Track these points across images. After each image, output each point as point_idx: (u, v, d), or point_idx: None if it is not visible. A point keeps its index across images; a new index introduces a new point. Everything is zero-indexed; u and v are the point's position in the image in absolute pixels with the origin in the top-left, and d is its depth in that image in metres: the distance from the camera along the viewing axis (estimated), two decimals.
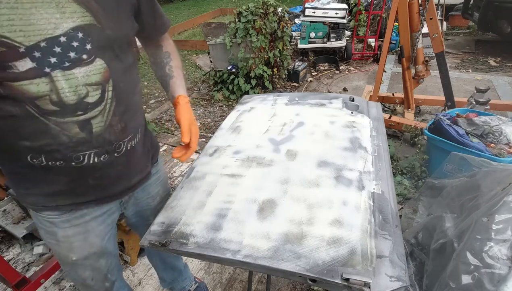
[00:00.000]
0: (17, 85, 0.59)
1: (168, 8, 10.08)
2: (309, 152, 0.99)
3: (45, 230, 0.83)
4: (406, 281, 0.61)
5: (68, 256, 0.87)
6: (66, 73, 0.63)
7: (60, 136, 0.67)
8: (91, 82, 0.67)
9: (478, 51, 4.43)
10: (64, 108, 0.65)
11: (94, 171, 0.76)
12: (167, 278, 1.37)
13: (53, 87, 0.62)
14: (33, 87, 0.60)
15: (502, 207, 1.09)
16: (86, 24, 0.63)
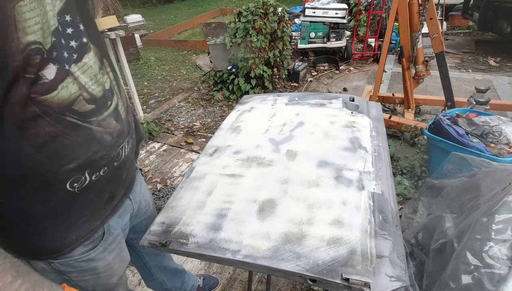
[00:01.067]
0: (51, 97, 0.52)
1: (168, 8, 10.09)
2: (309, 152, 0.99)
3: (81, 270, 0.72)
4: (406, 281, 0.61)
5: (109, 282, 0.81)
6: (79, 66, 0.57)
7: (104, 137, 0.63)
8: (99, 68, 0.62)
9: (478, 51, 4.43)
10: (97, 103, 0.60)
11: (126, 162, 0.73)
12: (177, 284, 1.33)
13: (79, 85, 0.56)
14: (65, 92, 0.54)
15: (502, 207, 1.09)
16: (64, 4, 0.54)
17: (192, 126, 3.19)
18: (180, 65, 4.93)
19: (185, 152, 2.74)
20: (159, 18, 8.69)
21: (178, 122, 3.29)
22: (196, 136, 3.01)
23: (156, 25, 7.82)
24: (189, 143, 2.83)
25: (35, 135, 0.52)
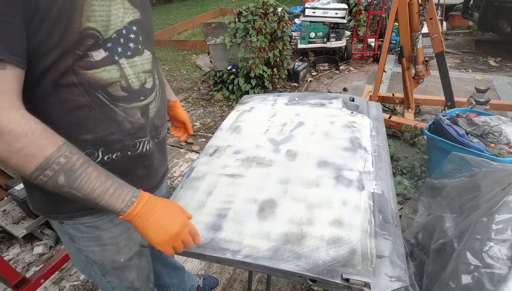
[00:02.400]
0: (91, 73, 0.61)
1: (168, 8, 10.09)
2: (309, 151, 0.99)
3: (87, 238, 0.77)
4: (406, 281, 0.61)
5: (116, 260, 0.83)
6: (129, 61, 0.67)
7: (125, 123, 0.70)
8: (146, 70, 0.72)
9: (478, 51, 4.43)
10: (131, 93, 0.69)
11: (144, 159, 0.78)
12: (174, 280, 1.33)
13: (122, 74, 0.66)
14: (105, 74, 0.63)
15: (502, 207, 1.09)
16: (136, 19, 0.68)
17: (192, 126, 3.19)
18: (180, 65, 4.93)
19: (185, 151, 2.74)
20: (159, 18, 8.69)
21: None
22: (196, 136, 3.01)
23: (156, 25, 7.82)
24: (189, 143, 2.83)
25: (66, 100, 0.61)
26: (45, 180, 0.54)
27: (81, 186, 0.56)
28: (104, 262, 0.83)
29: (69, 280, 1.67)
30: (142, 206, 0.62)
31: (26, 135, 0.51)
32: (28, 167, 0.52)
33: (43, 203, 0.73)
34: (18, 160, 0.51)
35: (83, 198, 0.57)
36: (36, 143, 0.51)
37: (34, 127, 0.52)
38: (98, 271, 0.85)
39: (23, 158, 0.51)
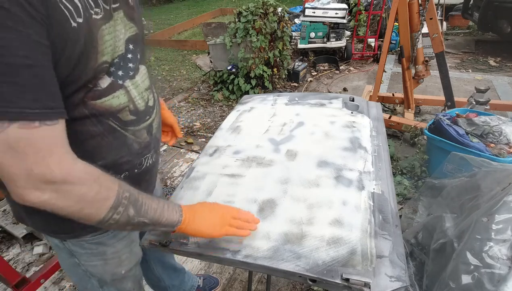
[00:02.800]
0: (101, 102, 0.59)
1: (168, 8, 10.08)
2: (309, 152, 0.99)
3: (90, 253, 0.77)
4: (406, 281, 0.61)
5: (117, 272, 0.84)
6: (133, 82, 0.65)
7: (134, 145, 0.69)
8: (147, 87, 0.71)
9: (478, 51, 4.43)
10: (138, 115, 0.68)
11: (146, 173, 0.79)
12: (175, 282, 1.33)
13: (129, 97, 0.64)
14: (115, 101, 0.61)
15: (502, 207, 1.09)
16: (133, 35, 0.65)
17: (192, 126, 3.19)
18: (180, 65, 4.93)
19: (185, 151, 2.74)
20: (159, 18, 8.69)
21: (178, 122, 3.29)
22: (196, 136, 3.01)
23: (156, 25, 7.82)
24: (189, 143, 2.83)
25: (79, 132, 0.59)
26: (118, 218, 0.55)
27: (146, 212, 0.59)
28: (104, 275, 0.82)
29: (69, 280, 1.66)
30: (186, 212, 0.67)
31: (95, 181, 0.52)
32: (102, 211, 0.53)
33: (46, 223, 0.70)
34: (92, 207, 0.52)
35: (149, 222, 0.60)
36: (105, 185, 0.53)
37: (95, 171, 0.54)
38: (96, 283, 0.84)
39: (97, 203, 0.52)
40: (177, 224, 0.65)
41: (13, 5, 0.40)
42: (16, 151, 0.43)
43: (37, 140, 0.44)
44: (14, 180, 0.45)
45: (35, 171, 0.45)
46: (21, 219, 0.71)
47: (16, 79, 0.41)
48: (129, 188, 0.59)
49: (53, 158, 0.46)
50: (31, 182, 0.45)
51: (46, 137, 0.45)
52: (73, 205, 0.50)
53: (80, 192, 0.50)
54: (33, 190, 0.46)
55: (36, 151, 0.44)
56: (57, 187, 0.47)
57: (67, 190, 0.48)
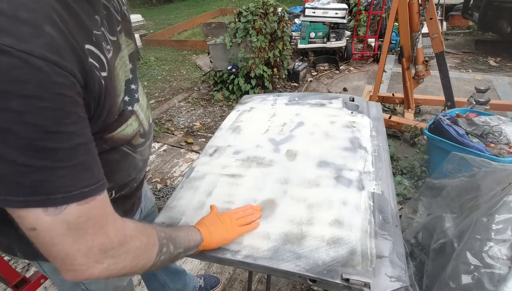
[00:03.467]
0: (117, 133, 0.57)
1: (168, 8, 10.08)
2: (309, 152, 0.99)
3: None
4: (406, 281, 0.61)
5: (119, 285, 0.83)
6: (139, 105, 0.64)
7: (139, 163, 0.70)
8: (147, 105, 0.70)
9: (478, 51, 4.43)
10: (145, 137, 0.68)
11: (142, 182, 0.80)
12: (178, 285, 1.33)
13: (139, 122, 0.64)
14: (129, 129, 0.60)
15: (502, 207, 1.09)
16: (131, 52, 0.63)
17: (192, 126, 3.19)
18: (180, 65, 4.93)
19: (185, 152, 2.74)
20: (159, 18, 8.69)
21: (178, 122, 3.29)
22: (196, 136, 3.01)
23: (156, 25, 7.82)
24: (189, 143, 2.83)
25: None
26: (163, 258, 0.57)
27: (180, 243, 0.62)
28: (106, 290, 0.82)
29: None
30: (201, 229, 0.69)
31: (142, 233, 0.53)
32: (152, 258, 0.55)
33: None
34: (145, 258, 0.53)
35: (183, 250, 0.63)
36: (148, 234, 0.55)
37: (137, 224, 0.55)
38: None
39: (148, 252, 0.54)
40: (200, 242, 0.67)
41: (67, 88, 0.39)
42: (75, 228, 0.42)
43: (95, 213, 0.44)
44: (71, 258, 0.43)
45: (95, 243, 0.44)
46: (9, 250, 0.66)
47: (75, 161, 0.41)
48: (160, 227, 0.61)
49: (109, 225, 0.47)
50: (91, 256, 0.44)
51: (101, 207, 0.45)
52: (129, 262, 0.50)
53: (134, 248, 0.50)
54: (92, 264, 0.45)
55: (94, 223, 0.44)
56: (114, 252, 0.47)
57: (124, 251, 0.49)
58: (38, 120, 0.36)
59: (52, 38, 0.37)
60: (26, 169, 0.37)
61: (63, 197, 0.40)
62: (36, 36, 0.36)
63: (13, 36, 0.34)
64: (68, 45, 0.40)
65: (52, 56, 0.37)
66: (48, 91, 0.36)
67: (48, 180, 0.39)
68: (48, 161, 0.38)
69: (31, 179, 0.38)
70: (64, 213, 0.41)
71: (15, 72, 0.34)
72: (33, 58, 0.35)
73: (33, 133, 0.36)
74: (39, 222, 0.40)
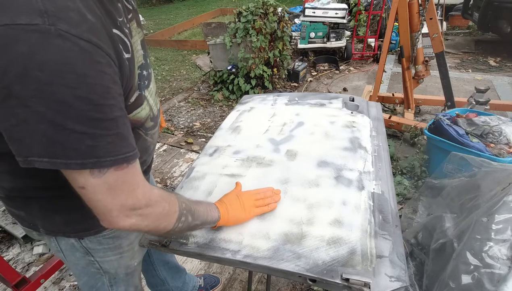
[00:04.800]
0: (132, 116, 0.62)
1: (168, 8, 10.08)
2: (309, 151, 0.99)
3: (107, 248, 0.78)
4: (406, 281, 0.61)
5: (130, 264, 0.85)
6: (149, 91, 0.68)
7: (150, 146, 0.76)
8: (155, 92, 0.74)
9: (478, 51, 4.43)
10: (154, 120, 0.73)
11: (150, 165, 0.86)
12: (178, 283, 1.34)
13: (150, 107, 0.68)
14: (143, 113, 0.65)
15: (502, 207, 1.09)
16: (141, 40, 0.67)
17: (192, 126, 3.19)
18: (180, 65, 4.93)
19: (185, 152, 2.74)
20: (159, 18, 8.69)
21: (178, 122, 3.29)
22: (196, 136, 3.01)
23: (156, 25, 7.82)
24: (189, 143, 2.83)
25: None
26: (181, 226, 0.63)
27: (198, 216, 0.67)
28: (118, 270, 0.84)
29: (69, 280, 1.67)
30: (220, 207, 0.74)
31: (165, 200, 0.59)
32: (172, 223, 0.61)
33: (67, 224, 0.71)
34: (165, 221, 0.60)
35: (200, 223, 0.68)
36: (171, 202, 0.61)
37: (162, 191, 0.60)
38: (107, 282, 0.84)
39: (169, 217, 0.60)
40: (218, 219, 0.72)
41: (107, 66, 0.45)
42: (113, 189, 0.50)
43: (127, 177, 0.51)
44: (109, 212, 0.51)
45: (127, 203, 0.52)
46: (33, 226, 0.71)
47: (118, 131, 0.48)
48: (184, 198, 0.67)
49: (139, 189, 0.54)
50: (123, 212, 0.52)
51: (133, 174, 0.52)
52: (152, 222, 0.57)
53: (157, 211, 0.57)
54: (123, 217, 0.53)
55: (127, 186, 0.52)
56: (141, 212, 0.55)
57: (149, 212, 0.56)
58: (88, 94, 0.42)
59: (93, 24, 0.44)
60: (81, 136, 0.44)
61: (111, 160, 0.47)
62: (83, 22, 0.42)
63: (67, 22, 0.40)
64: (104, 30, 0.46)
65: (95, 39, 0.43)
66: (94, 69, 0.43)
67: (98, 146, 0.45)
68: (97, 129, 0.45)
69: (86, 144, 0.44)
70: (105, 176, 0.48)
71: (69, 54, 0.40)
72: (82, 41, 0.41)
73: (84, 105, 0.42)
74: (87, 182, 0.48)
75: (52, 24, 0.39)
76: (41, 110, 0.41)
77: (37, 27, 0.39)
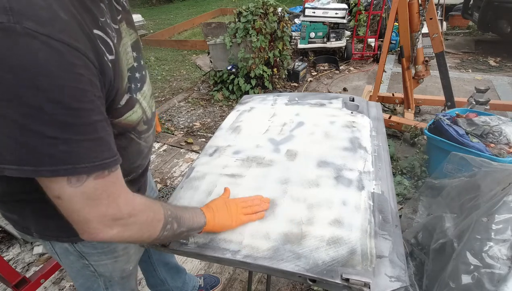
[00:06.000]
0: (123, 119, 0.60)
1: (168, 8, 10.08)
2: (309, 151, 0.99)
3: (101, 252, 0.77)
4: (406, 281, 0.61)
5: (125, 268, 0.84)
6: (141, 93, 0.66)
7: (144, 150, 0.74)
8: (151, 94, 0.73)
9: (478, 51, 4.43)
10: (148, 124, 0.71)
11: (146, 170, 0.84)
12: (178, 283, 1.34)
13: (142, 110, 0.66)
14: (135, 116, 0.63)
15: (502, 207, 1.09)
16: (134, 41, 0.65)
17: (192, 126, 3.19)
18: (180, 65, 4.93)
19: (185, 152, 2.74)
20: (159, 18, 8.69)
21: (178, 122, 3.29)
22: (196, 136, 3.01)
23: (156, 25, 7.82)
24: (189, 143, 2.83)
25: None
26: (167, 234, 0.61)
27: (184, 222, 0.65)
28: (113, 273, 0.83)
29: (69, 280, 1.66)
30: (206, 213, 0.72)
31: (149, 208, 0.58)
32: (157, 231, 0.59)
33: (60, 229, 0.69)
34: (150, 230, 0.58)
35: (186, 230, 0.66)
36: (155, 210, 0.59)
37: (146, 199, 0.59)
38: (102, 284, 0.83)
39: (153, 226, 0.58)
40: (203, 225, 0.70)
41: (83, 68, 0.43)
42: (92, 199, 0.47)
43: (109, 186, 0.49)
44: (87, 223, 0.49)
45: (108, 213, 0.49)
46: (26, 230, 0.70)
47: (96, 136, 0.45)
48: (169, 205, 0.65)
49: (121, 197, 0.51)
50: (104, 222, 0.50)
51: (114, 182, 0.50)
52: (136, 232, 0.56)
53: (141, 220, 0.56)
54: (104, 228, 0.50)
55: (108, 195, 0.49)
56: (123, 222, 0.52)
57: (132, 221, 0.54)
58: (62, 97, 0.40)
59: (66, 23, 0.41)
60: (53, 141, 0.41)
61: (87, 167, 0.45)
62: (53, 21, 0.39)
63: (35, 20, 0.37)
64: (81, 30, 0.44)
65: (68, 39, 0.40)
66: (67, 71, 0.40)
67: (73, 151, 0.43)
68: (72, 134, 0.42)
69: (59, 149, 0.42)
70: (83, 186, 0.45)
71: (38, 54, 0.38)
72: (52, 40, 0.39)
73: (56, 108, 0.40)
74: (63, 192, 0.45)
75: (17, 22, 0.37)
76: (9, 114, 0.39)
77: (1, 26, 0.36)
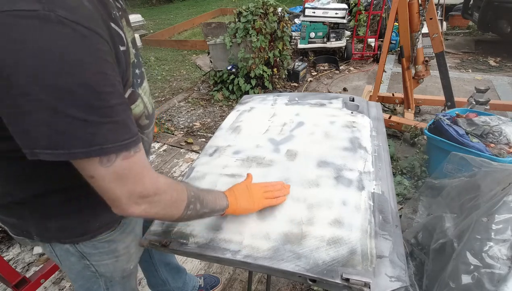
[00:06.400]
0: None
1: (168, 8, 10.08)
2: (309, 151, 0.99)
3: (102, 252, 0.77)
4: (406, 281, 0.61)
5: (126, 268, 0.84)
6: (142, 89, 0.68)
7: (146, 146, 0.74)
8: (149, 90, 0.74)
9: (478, 51, 4.43)
10: (150, 118, 0.73)
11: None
12: (178, 284, 1.34)
13: (144, 104, 0.68)
14: (137, 110, 0.65)
15: (502, 207, 1.09)
16: (132, 39, 0.66)
17: (192, 126, 3.19)
18: (180, 65, 4.93)
19: (185, 152, 2.74)
20: (159, 18, 8.69)
21: (178, 122, 3.29)
22: (196, 136, 3.01)
23: (156, 25, 7.82)
24: (189, 143, 2.83)
25: None
26: (190, 213, 0.65)
27: (207, 204, 0.68)
28: (114, 273, 0.83)
29: (69, 280, 1.67)
30: (229, 196, 0.75)
31: (173, 188, 0.61)
32: (180, 210, 0.63)
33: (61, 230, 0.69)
34: (174, 209, 0.62)
35: (209, 211, 0.69)
36: (179, 190, 0.63)
37: (170, 180, 0.62)
38: (103, 285, 0.83)
39: (177, 205, 0.62)
40: (226, 207, 0.73)
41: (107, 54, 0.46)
42: (121, 178, 0.51)
43: (135, 166, 0.52)
44: (119, 199, 0.53)
45: (135, 191, 0.53)
46: (26, 233, 0.70)
47: (118, 118, 0.48)
48: (192, 187, 0.68)
49: (146, 177, 0.55)
50: (132, 199, 0.54)
51: (139, 162, 0.53)
52: (161, 210, 0.59)
53: (165, 199, 0.59)
54: (133, 205, 0.55)
55: (134, 175, 0.53)
56: (150, 199, 0.56)
57: (157, 200, 0.57)
58: (90, 81, 0.43)
59: (91, 12, 0.44)
60: (84, 123, 0.44)
61: (113, 146, 0.48)
62: (81, 9, 0.42)
63: (65, 8, 0.40)
64: (101, 19, 0.46)
65: (94, 26, 0.43)
66: (95, 56, 0.43)
67: (99, 133, 0.46)
68: (97, 116, 0.45)
69: (87, 131, 0.44)
70: (113, 165, 0.49)
71: (69, 40, 0.40)
72: (81, 27, 0.41)
73: (87, 93, 0.43)
74: (96, 171, 0.49)
75: (50, 10, 0.39)
76: (42, 97, 0.41)
77: (36, 13, 0.38)
